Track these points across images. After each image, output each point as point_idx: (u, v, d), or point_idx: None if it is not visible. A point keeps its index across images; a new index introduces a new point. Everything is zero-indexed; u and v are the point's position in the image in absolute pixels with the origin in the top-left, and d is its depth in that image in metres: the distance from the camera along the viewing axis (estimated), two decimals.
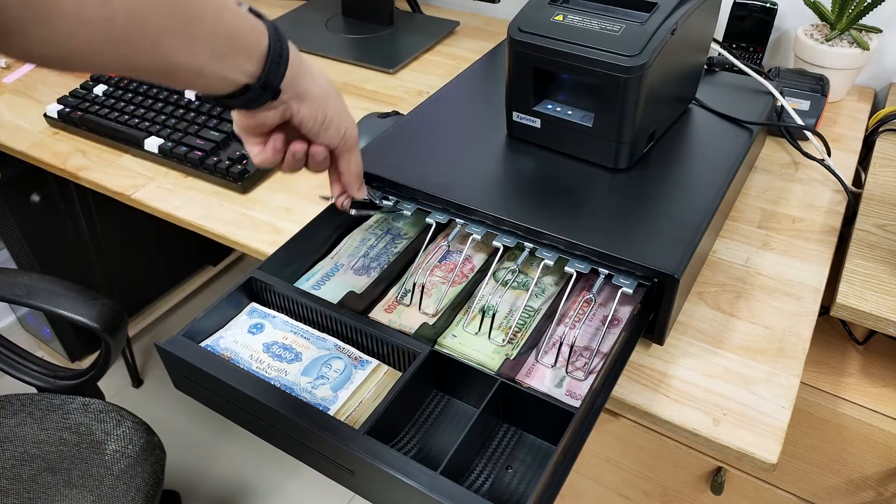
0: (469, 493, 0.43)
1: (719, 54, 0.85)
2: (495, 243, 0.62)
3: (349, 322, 0.57)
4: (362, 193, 0.57)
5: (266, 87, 0.46)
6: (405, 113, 0.80)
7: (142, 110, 0.94)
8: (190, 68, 0.40)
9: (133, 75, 0.39)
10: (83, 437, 0.97)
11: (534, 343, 0.58)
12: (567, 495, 0.94)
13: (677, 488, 0.82)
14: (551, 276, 0.65)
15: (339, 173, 0.56)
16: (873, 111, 0.95)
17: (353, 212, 0.61)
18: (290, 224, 0.78)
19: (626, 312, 0.60)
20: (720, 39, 0.99)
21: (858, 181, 0.84)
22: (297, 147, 0.52)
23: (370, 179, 0.68)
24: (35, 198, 1.30)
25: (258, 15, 0.46)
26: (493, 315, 0.59)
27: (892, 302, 0.63)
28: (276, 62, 0.46)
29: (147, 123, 0.91)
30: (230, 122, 0.88)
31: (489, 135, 0.73)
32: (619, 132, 0.64)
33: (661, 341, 0.61)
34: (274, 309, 0.61)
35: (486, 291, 0.63)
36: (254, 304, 0.61)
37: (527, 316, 0.61)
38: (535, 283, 0.62)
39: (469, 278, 0.64)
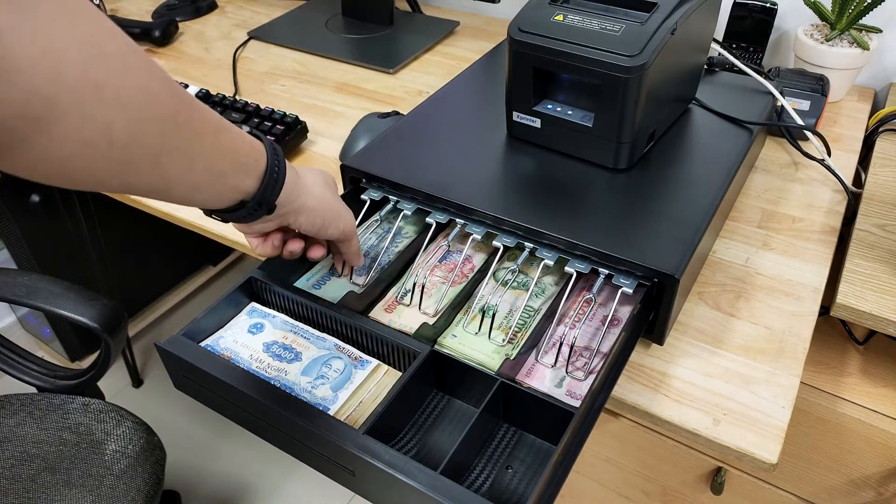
0: (469, 493, 0.43)
1: (719, 54, 0.85)
2: (495, 243, 0.62)
3: (349, 322, 0.57)
4: (361, 262, 0.63)
5: (261, 203, 0.47)
6: (405, 113, 0.80)
7: None
8: (188, 186, 0.41)
9: (131, 193, 0.39)
10: (83, 437, 0.97)
11: (534, 343, 0.58)
12: (567, 495, 0.94)
13: (677, 488, 0.82)
14: (551, 276, 0.65)
15: (340, 254, 0.61)
16: (873, 111, 0.95)
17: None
18: None
19: (626, 312, 0.60)
20: (720, 39, 0.99)
21: (858, 181, 0.84)
22: (295, 246, 0.56)
23: (370, 179, 0.68)
24: (35, 198, 1.31)
25: (258, 136, 0.47)
26: (493, 315, 0.59)
27: (892, 302, 0.63)
28: (272, 181, 0.47)
29: None
30: (230, 121, 0.87)
31: (489, 135, 0.73)
32: (619, 132, 0.64)
33: (661, 341, 0.61)
34: (274, 309, 0.61)
35: (486, 291, 0.63)
36: (254, 304, 0.61)
37: (527, 316, 0.61)
38: (535, 283, 0.62)
39: (469, 278, 0.64)
